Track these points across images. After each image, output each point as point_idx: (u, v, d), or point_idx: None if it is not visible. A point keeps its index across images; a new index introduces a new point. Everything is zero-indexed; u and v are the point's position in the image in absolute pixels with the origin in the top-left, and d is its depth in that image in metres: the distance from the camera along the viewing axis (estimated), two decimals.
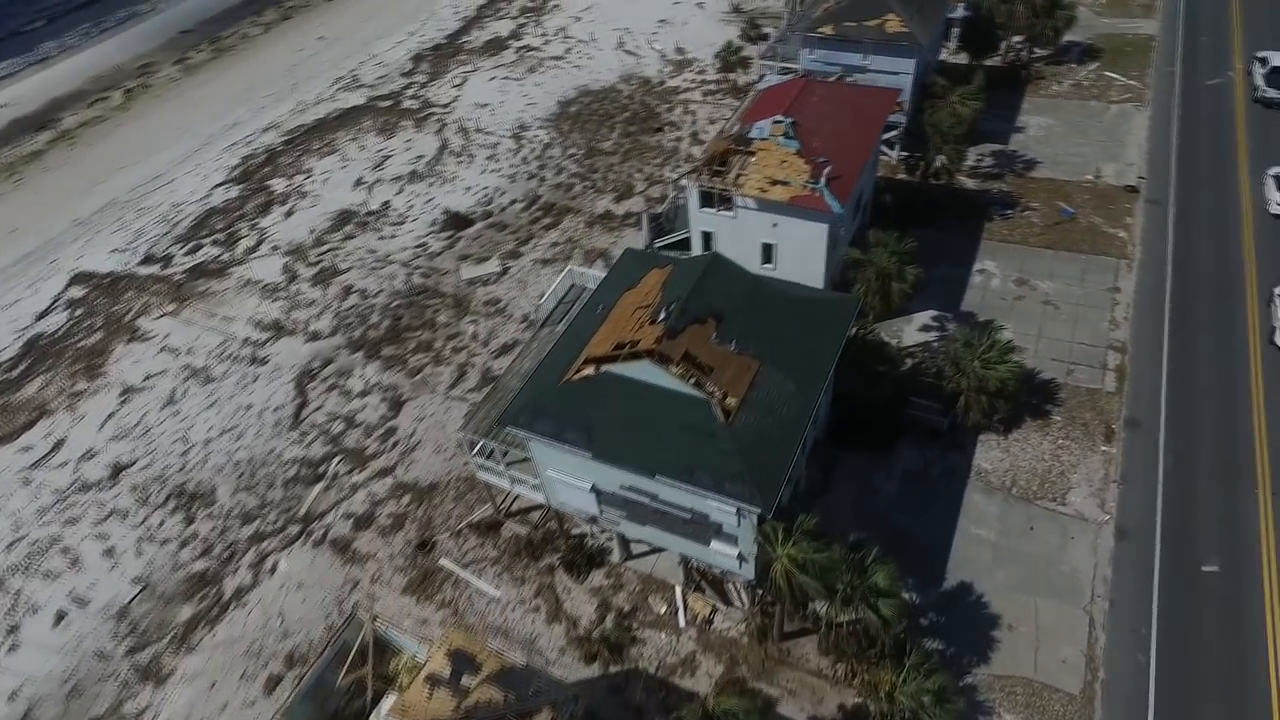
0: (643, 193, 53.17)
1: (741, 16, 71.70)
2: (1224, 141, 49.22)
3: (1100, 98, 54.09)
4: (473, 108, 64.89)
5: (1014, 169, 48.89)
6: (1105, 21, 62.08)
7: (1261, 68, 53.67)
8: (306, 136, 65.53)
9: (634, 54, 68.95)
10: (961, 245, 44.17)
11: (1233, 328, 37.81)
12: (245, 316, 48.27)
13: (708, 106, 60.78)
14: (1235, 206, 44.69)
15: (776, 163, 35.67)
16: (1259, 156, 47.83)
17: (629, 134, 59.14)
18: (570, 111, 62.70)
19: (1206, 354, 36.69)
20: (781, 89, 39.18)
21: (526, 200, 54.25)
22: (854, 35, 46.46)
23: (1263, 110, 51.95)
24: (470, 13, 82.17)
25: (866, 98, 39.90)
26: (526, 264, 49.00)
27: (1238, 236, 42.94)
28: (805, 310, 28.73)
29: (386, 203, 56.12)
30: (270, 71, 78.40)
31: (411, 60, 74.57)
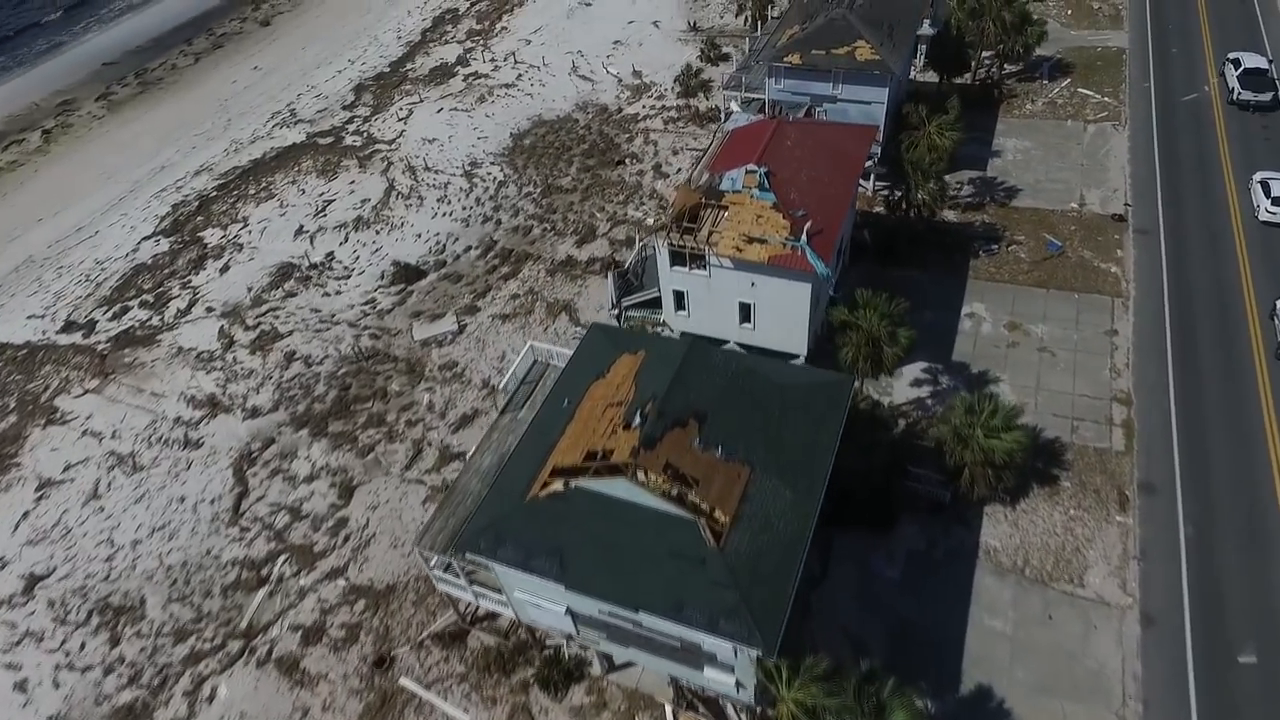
0: (606, 234, 49.88)
1: (699, 35, 68.78)
2: (1207, 158, 47.50)
3: (1076, 117, 52.13)
4: (420, 143, 60.98)
5: (995, 198, 46.60)
6: (1073, 34, 60.31)
7: (1234, 69, 52.51)
8: (242, 180, 61.05)
9: (589, 79, 65.61)
10: (947, 286, 41.66)
11: (1239, 364, 35.81)
12: (177, 392, 43.97)
13: (669, 135, 57.67)
14: (1226, 224, 43.02)
15: (752, 217, 32.68)
16: (1242, 166, 46.35)
17: (588, 168, 55.80)
18: (525, 144, 59.15)
19: (1215, 400, 34.56)
20: (751, 131, 36.20)
21: (482, 247, 50.64)
22: (823, 65, 43.72)
23: (1239, 114, 50.62)
24: (414, 37, 78.06)
25: (843, 138, 37.12)
26: (485, 320, 45.41)
27: (1232, 256, 41.16)
28: (796, 399, 25.72)
29: (330, 254, 52.06)
30: (202, 107, 73.50)
31: (353, 91, 70.33)
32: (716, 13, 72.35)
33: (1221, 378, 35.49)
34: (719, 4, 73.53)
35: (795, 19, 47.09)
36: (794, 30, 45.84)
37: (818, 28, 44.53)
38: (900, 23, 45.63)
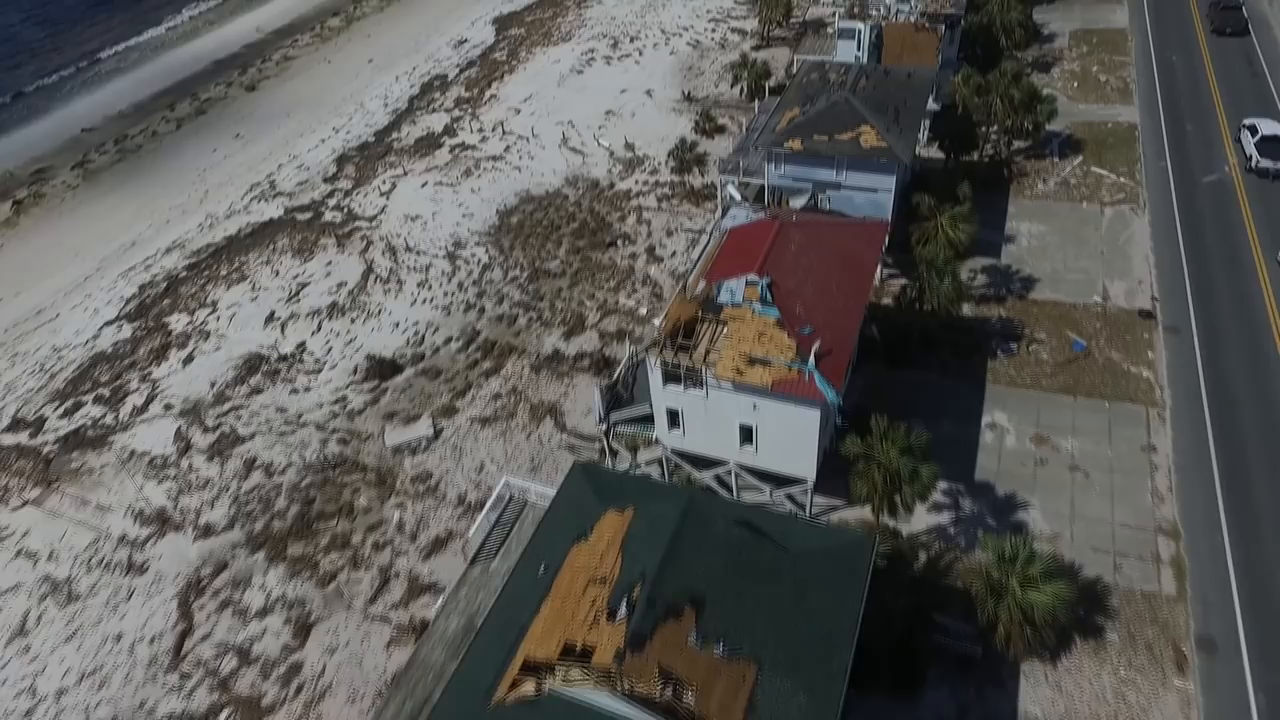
0: (596, 325, 46.67)
1: (694, 106, 66.66)
2: (1236, 247, 44.67)
3: (1092, 199, 49.48)
4: (402, 221, 58.13)
5: (1012, 290, 43.58)
6: (1081, 108, 58.13)
7: (1252, 136, 50.62)
8: (214, 259, 57.98)
9: (580, 151, 63.16)
10: (965, 392, 38.34)
11: None
12: (125, 505, 40.12)
13: (663, 214, 54.91)
14: (1263, 320, 40.01)
15: (753, 335, 29.41)
16: (1272, 246, 43.55)
17: (578, 249, 52.86)
18: (511, 223, 56.31)
19: (1275, 534, 30.99)
20: (751, 233, 33.15)
21: (463, 338, 47.33)
22: (825, 151, 41.04)
23: (1263, 189, 48.29)
24: (401, 104, 75.90)
25: (852, 239, 34.09)
26: (463, 424, 41.89)
27: (1275, 359, 37.95)
28: (810, 570, 22.10)
29: (302, 345, 48.68)
30: (179, 177, 70.80)
31: (336, 162, 67.77)
32: (711, 82, 70.39)
33: (1275, 496, 32.04)
34: (713, 73, 71.66)
35: (795, 101, 44.60)
36: (794, 113, 43.28)
37: (819, 112, 41.97)
38: (906, 105, 43.11)
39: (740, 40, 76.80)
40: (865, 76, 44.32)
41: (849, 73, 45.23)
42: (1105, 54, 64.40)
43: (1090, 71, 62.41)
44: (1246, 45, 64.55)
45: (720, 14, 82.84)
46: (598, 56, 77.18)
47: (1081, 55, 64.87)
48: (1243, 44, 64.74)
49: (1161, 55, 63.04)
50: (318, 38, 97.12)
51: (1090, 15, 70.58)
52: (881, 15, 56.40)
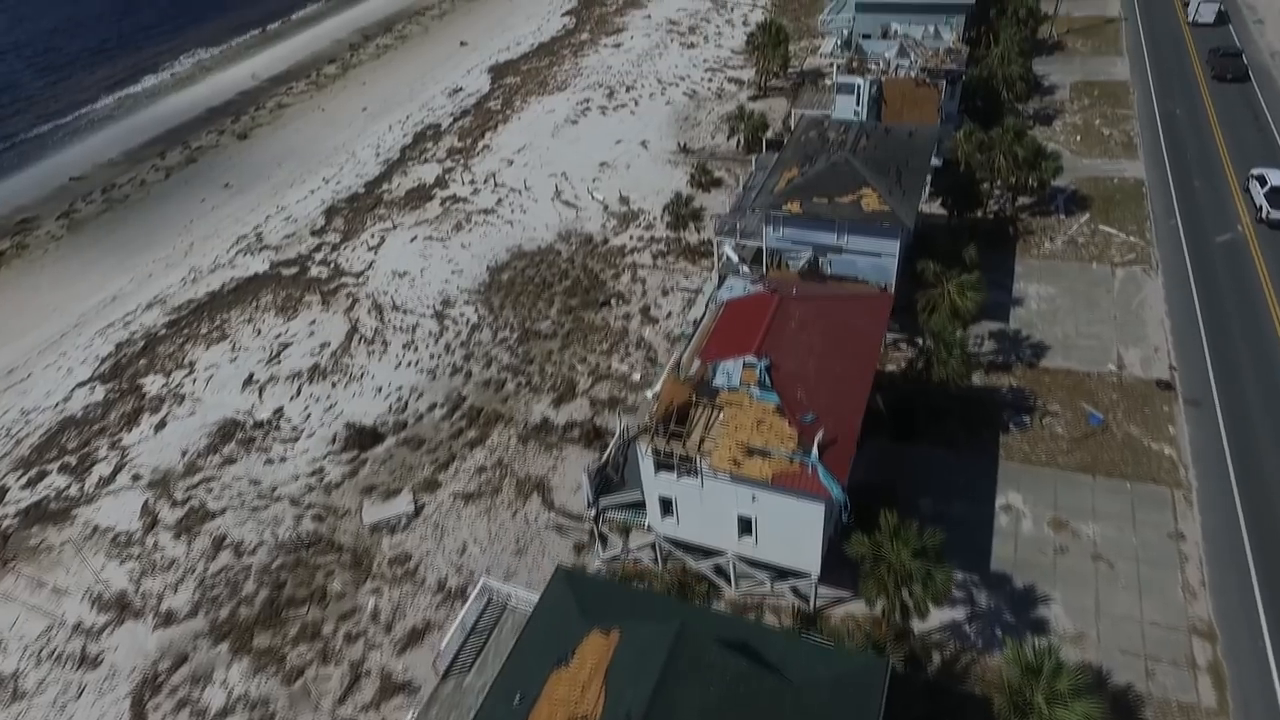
0: (587, 392, 44.62)
1: (690, 158, 65.46)
2: (1256, 312, 42.75)
3: (1101, 259, 47.81)
4: (390, 277, 56.41)
5: (1022, 357, 41.65)
6: (1086, 163, 56.82)
7: (1261, 187, 49.53)
8: (195, 316, 56.14)
9: (573, 205, 61.73)
10: (976, 469, 36.18)
11: None
12: (83, 588, 37.62)
13: (659, 272, 53.22)
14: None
15: (752, 423, 27.34)
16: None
17: (570, 309, 51.03)
18: (502, 280, 54.57)
19: None
20: (749, 307, 31.26)
21: (449, 404, 45.24)
22: (825, 215, 39.40)
23: (1272, 236, 46.95)
24: (393, 154, 74.80)
25: (855, 313, 32.20)
26: (445, 500, 39.59)
27: None
28: (814, 706, 19.71)
29: (279, 410, 46.57)
30: (165, 228, 69.35)
31: (324, 214, 66.34)
32: (707, 132, 69.34)
33: None
34: (710, 124, 70.66)
35: (793, 160, 43.12)
36: (792, 173, 41.74)
37: (818, 173, 40.41)
38: (908, 166, 41.59)
39: (737, 91, 76.01)
40: (865, 135, 42.91)
41: (849, 131, 43.84)
42: (1107, 107, 63.40)
43: (1093, 125, 61.31)
44: (1248, 93, 63.64)
45: (717, 64, 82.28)
46: (593, 106, 76.33)
47: (1083, 108, 63.87)
48: (1244, 92, 63.85)
49: (1164, 108, 62.03)
50: (313, 85, 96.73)
51: (1090, 67, 69.84)
52: (881, 70, 55.37)
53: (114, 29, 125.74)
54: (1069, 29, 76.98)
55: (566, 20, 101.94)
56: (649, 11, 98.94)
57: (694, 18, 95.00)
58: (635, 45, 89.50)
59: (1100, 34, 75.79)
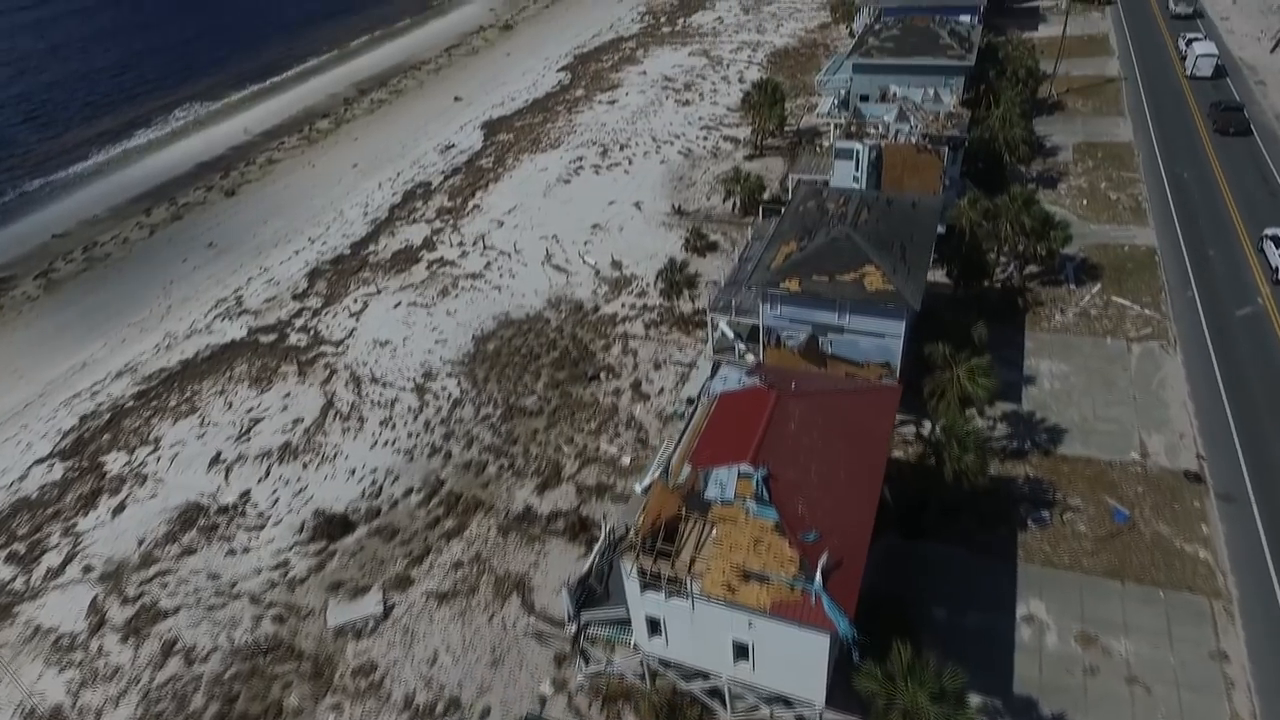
0: (573, 477, 41.80)
1: (684, 220, 63.61)
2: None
3: (1116, 334, 45.44)
4: (371, 347, 53.96)
5: (1037, 442, 38.98)
6: (1094, 229, 54.86)
7: (1276, 248, 48.08)
8: (165, 387, 53.55)
9: (564, 270, 59.62)
10: (993, 572, 33.24)
11: None
12: (14, 703, 34.39)
13: (651, 343, 50.78)
14: None
15: (748, 542, 24.57)
16: None
17: (557, 383, 48.48)
18: (487, 350, 52.11)
19: None
20: (744, 404, 28.67)
21: (426, 489, 42.38)
22: (826, 294, 37.13)
23: None
24: (381, 214, 73.02)
25: (859, 410, 29.60)
26: (417, 599, 36.51)
27: None
28: None
29: (246, 493, 43.71)
30: (144, 289, 67.25)
31: (307, 277, 64.20)
32: (703, 193, 67.64)
33: None
34: (705, 184, 69.04)
35: (791, 232, 41.01)
36: (790, 247, 39.58)
37: (818, 248, 38.24)
38: (913, 240, 39.45)
39: (733, 149, 74.62)
40: (867, 207, 40.87)
41: (849, 202, 41.82)
42: (1113, 169, 61.76)
43: (1099, 188, 59.56)
44: (1254, 151, 62.03)
45: (713, 121, 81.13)
46: (586, 165, 74.87)
47: (1088, 170, 62.23)
48: (1250, 150, 62.28)
49: (1171, 170, 60.35)
50: (305, 140, 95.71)
51: (1092, 128, 68.48)
52: (880, 134, 53.80)
53: (114, 83, 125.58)
54: (1068, 88, 75.95)
55: (562, 76, 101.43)
56: (644, 68, 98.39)
57: (689, 74, 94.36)
58: (630, 102, 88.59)
59: (1100, 94, 74.72)
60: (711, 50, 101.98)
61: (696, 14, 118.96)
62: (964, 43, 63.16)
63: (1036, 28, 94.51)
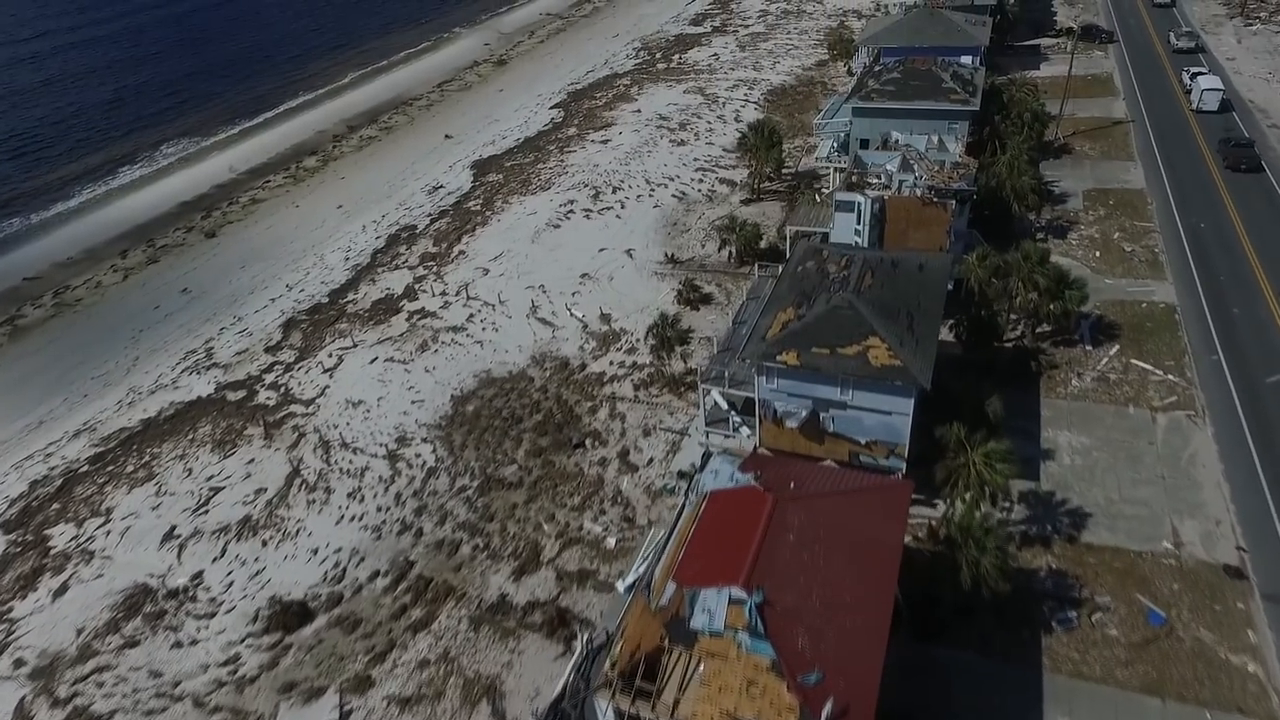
0: (553, 560, 38.43)
1: (678, 270, 60.77)
2: None
3: (1138, 401, 42.35)
4: (343, 407, 50.78)
5: (1058, 528, 35.70)
6: (1109, 284, 51.98)
7: None
8: (123, 449, 50.27)
9: (550, 323, 56.62)
10: (1016, 683, 29.75)
11: None
12: None
13: (640, 407, 47.64)
14: None
15: (740, 683, 21.25)
16: None
17: (539, 450, 45.25)
18: (466, 412, 48.94)
19: None
20: (737, 508, 25.46)
21: (393, 572, 38.96)
22: (827, 369, 34.09)
23: None
24: (363, 259, 70.16)
25: (867, 514, 26.40)
26: (377, 705, 32.91)
27: None
28: None
29: (199, 575, 40.27)
30: (112, 339, 64.13)
31: (282, 328, 61.17)
32: (697, 240, 64.88)
33: None
34: (700, 230, 66.33)
35: (789, 297, 38.06)
36: (788, 315, 36.58)
37: (818, 317, 35.26)
38: (921, 307, 36.50)
39: (729, 193, 72.09)
40: (871, 271, 37.92)
41: (851, 264, 38.85)
42: (1125, 218, 59.11)
43: (1112, 238, 56.83)
44: (1270, 194, 59.57)
45: (708, 162, 78.72)
46: (577, 209, 72.24)
47: (1099, 219, 59.57)
48: (1265, 191, 59.88)
49: (1187, 220, 57.65)
50: (291, 178, 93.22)
51: (1102, 173, 65.99)
52: (882, 184, 51.16)
53: (106, 118, 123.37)
54: (1075, 130, 73.68)
55: (555, 113, 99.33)
56: (639, 106, 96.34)
57: (685, 113, 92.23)
58: (624, 141, 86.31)
59: (1108, 137, 72.41)
60: (707, 88, 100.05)
61: (692, 50, 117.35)
62: (967, 86, 60.89)
63: (1039, 66, 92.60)
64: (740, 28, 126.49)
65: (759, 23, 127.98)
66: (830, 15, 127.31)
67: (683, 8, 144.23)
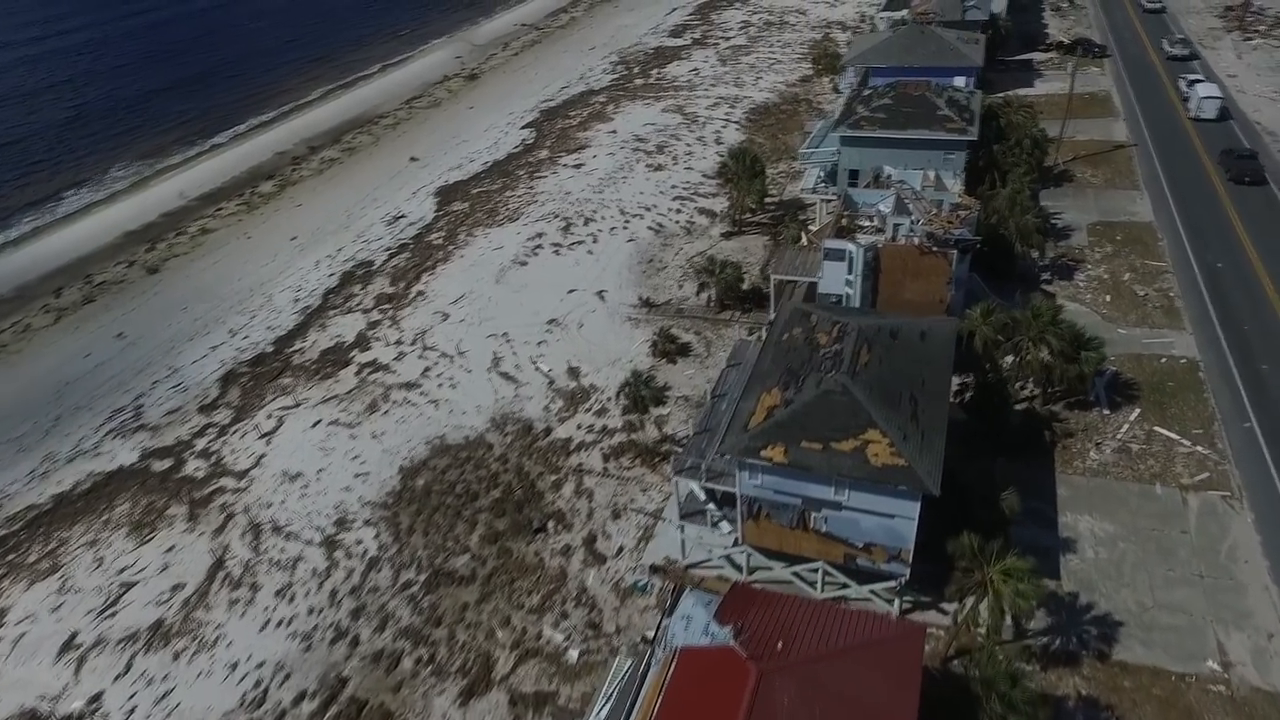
0: (506, 678, 33.40)
1: (653, 315, 55.87)
2: None
3: (1165, 479, 37.83)
4: (278, 482, 45.43)
5: (1086, 641, 31.02)
6: (1123, 334, 47.53)
7: None
8: (28, 533, 44.65)
9: (512, 378, 51.52)
10: None
11: None
12: None
13: (610, 481, 42.67)
14: None
15: None
16: None
17: (495, 535, 40.19)
18: (416, 488, 43.78)
19: None
20: (713, 682, 20.48)
21: (323, 692, 33.74)
22: (820, 468, 29.28)
23: None
24: (314, 300, 64.69)
25: (872, 678, 21.47)
26: None
27: None
28: None
29: (97, 698, 34.83)
30: (33, 393, 58.30)
31: (220, 382, 55.70)
32: (674, 279, 59.93)
33: None
34: (677, 267, 61.40)
35: (774, 375, 33.16)
36: (773, 399, 31.70)
37: (808, 404, 30.44)
38: (925, 388, 31.76)
39: (709, 224, 67.29)
40: (866, 343, 33.03)
41: (844, 335, 33.89)
42: (1135, 256, 54.79)
43: (1122, 280, 52.46)
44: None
45: (686, 190, 73.93)
46: (546, 243, 67.17)
47: (1107, 257, 55.22)
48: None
49: (1202, 259, 53.41)
50: (245, 205, 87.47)
51: (1107, 205, 61.71)
52: (875, 226, 46.54)
53: (60, 139, 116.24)
54: (1075, 155, 69.47)
55: (526, 134, 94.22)
56: (614, 126, 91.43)
57: (662, 134, 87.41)
58: (598, 166, 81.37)
59: (1110, 162, 68.25)
60: (686, 106, 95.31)
61: (671, 64, 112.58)
62: (964, 113, 56.44)
63: (1033, 84, 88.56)
64: (721, 40, 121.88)
65: (740, 35, 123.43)
66: (814, 27, 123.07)
67: (662, 18, 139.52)
